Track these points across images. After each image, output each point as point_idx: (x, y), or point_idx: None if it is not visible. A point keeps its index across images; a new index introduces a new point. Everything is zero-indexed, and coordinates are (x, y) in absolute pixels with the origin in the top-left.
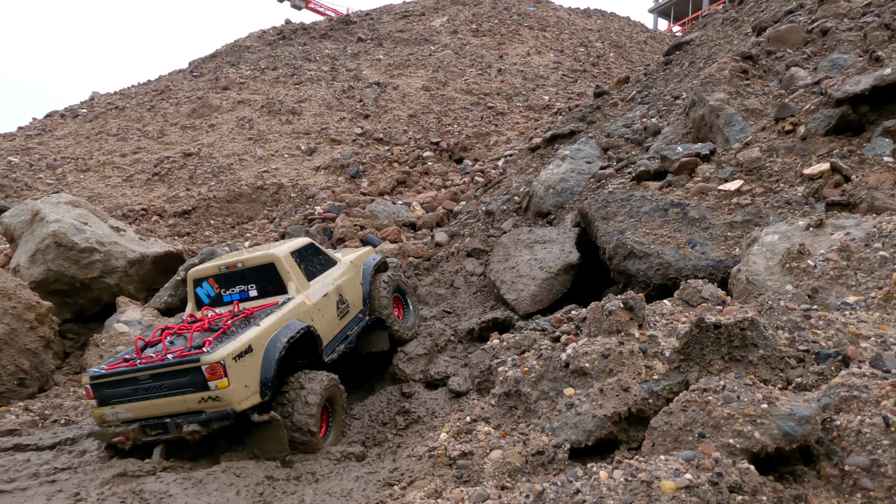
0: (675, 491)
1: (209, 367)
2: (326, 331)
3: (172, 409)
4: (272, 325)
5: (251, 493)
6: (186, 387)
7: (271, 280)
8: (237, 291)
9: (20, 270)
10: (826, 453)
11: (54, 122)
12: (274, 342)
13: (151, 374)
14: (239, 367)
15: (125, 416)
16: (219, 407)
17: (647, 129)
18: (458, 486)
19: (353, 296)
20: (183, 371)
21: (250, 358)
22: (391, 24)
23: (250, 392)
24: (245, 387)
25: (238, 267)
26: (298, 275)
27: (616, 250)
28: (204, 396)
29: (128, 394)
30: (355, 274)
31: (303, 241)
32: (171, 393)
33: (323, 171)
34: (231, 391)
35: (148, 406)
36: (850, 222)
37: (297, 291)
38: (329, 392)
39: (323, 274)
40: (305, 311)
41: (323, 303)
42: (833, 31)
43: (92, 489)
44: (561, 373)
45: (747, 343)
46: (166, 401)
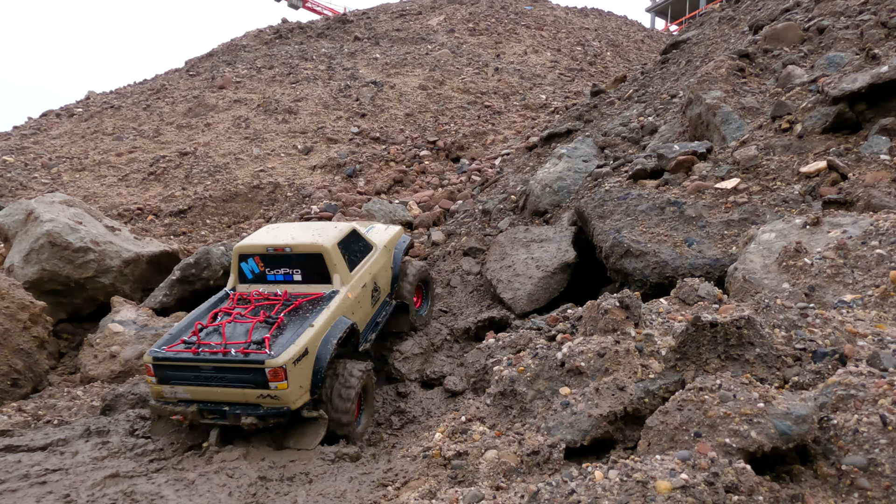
0: (670, 491)
1: (272, 370)
2: (363, 320)
3: (231, 398)
4: (324, 325)
5: (244, 493)
6: (248, 382)
7: (317, 268)
8: (281, 273)
9: (14, 270)
10: (823, 452)
11: (50, 121)
12: (325, 343)
13: (214, 366)
14: (297, 370)
15: (183, 395)
16: (276, 404)
17: (644, 128)
18: (453, 486)
19: (384, 281)
20: (246, 369)
21: (306, 360)
22: (388, 23)
23: (304, 391)
24: (300, 387)
25: (286, 251)
26: (343, 266)
27: (613, 249)
28: (263, 393)
29: (188, 378)
30: (388, 259)
31: (347, 228)
32: (231, 385)
33: (319, 171)
34: (289, 392)
35: (207, 392)
36: (847, 220)
37: (340, 284)
38: (364, 381)
39: (362, 262)
40: (349, 306)
41: (361, 294)
42: (830, 30)
43: (83, 490)
44: (557, 372)
45: (744, 342)
46: (226, 391)
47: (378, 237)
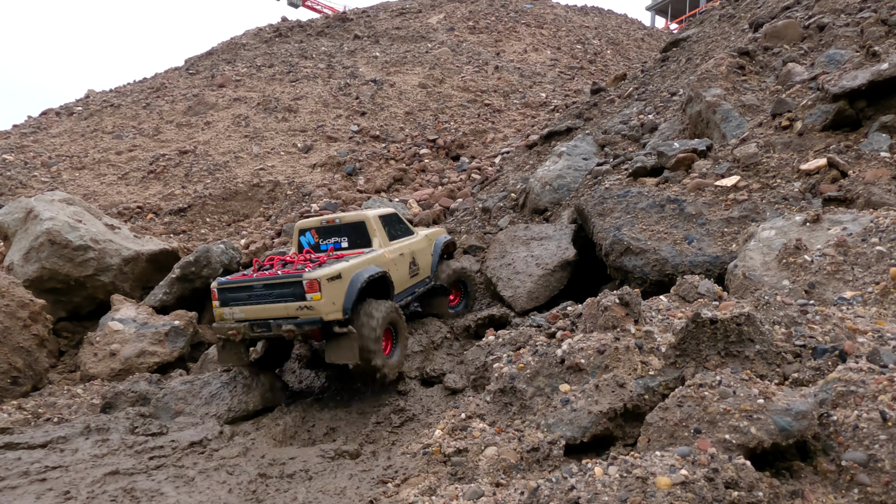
0: (670, 487)
1: (308, 282)
2: (399, 281)
3: (276, 313)
4: (358, 263)
5: (244, 490)
6: (289, 297)
7: (360, 236)
8: (332, 241)
9: (14, 268)
10: (823, 449)
11: (49, 119)
12: (358, 276)
13: (264, 285)
14: (330, 287)
15: (239, 315)
16: (311, 315)
17: (644, 126)
18: (453, 483)
19: (423, 262)
20: (289, 284)
21: (339, 283)
22: (388, 21)
23: (336, 308)
24: (332, 303)
25: (336, 222)
26: (382, 234)
27: (612, 246)
28: (301, 305)
29: (244, 299)
30: (428, 245)
31: (389, 210)
32: (277, 300)
33: (319, 169)
34: (322, 304)
35: (258, 310)
36: (847, 217)
37: (379, 246)
38: (391, 317)
39: (401, 238)
40: (385, 262)
41: (399, 259)
42: (830, 27)
43: (83, 487)
44: (556, 369)
45: (744, 338)
46: (273, 306)
47: (420, 230)
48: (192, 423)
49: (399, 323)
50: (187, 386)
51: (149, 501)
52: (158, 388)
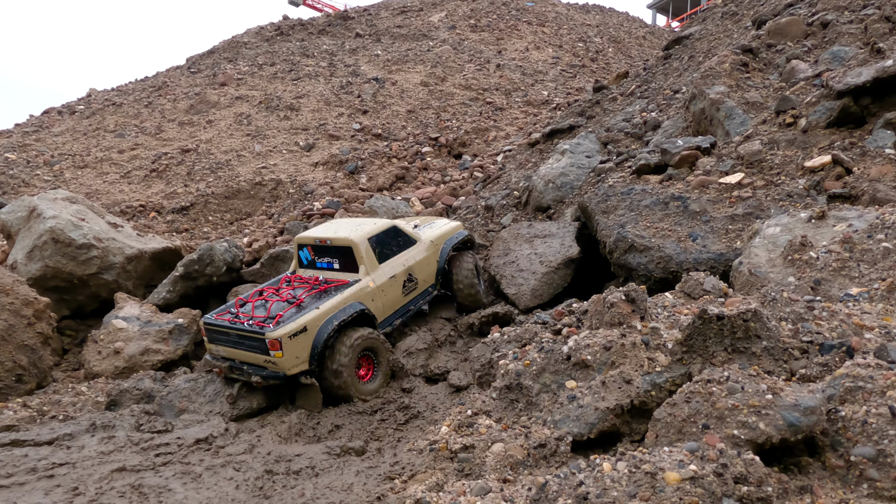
0: (679, 482)
1: (270, 341)
2: (385, 307)
3: (250, 359)
4: (330, 308)
5: (251, 487)
6: (257, 349)
7: (349, 259)
8: (326, 261)
9: (17, 267)
10: (831, 444)
11: (51, 118)
12: (327, 324)
13: (237, 333)
14: (293, 343)
15: (223, 353)
16: (275, 369)
17: (647, 124)
18: (460, 479)
19: (424, 273)
20: (255, 338)
21: (304, 336)
22: (389, 19)
23: (300, 362)
24: (296, 358)
25: (327, 243)
26: (371, 258)
27: (617, 244)
28: (267, 359)
29: (224, 340)
30: (432, 253)
31: (385, 225)
32: (248, 349)
33: (321, 167)
34: (284, 360)
35: (235, 353)
36: (853, 214)
37: (365, 274)
38: (366, 343)
39: (397, 255)
40: (367, 294)
41: (388, 284)
42: (834, 24)
43: (90, 484)
44: (562, 365)
45: (750, 334)
46: (246, 353)
47: (427, 233)
48: (196, 420)
49: (379, 348)
50: (191, 384)
51: (157, 497)
52: (163, 385)
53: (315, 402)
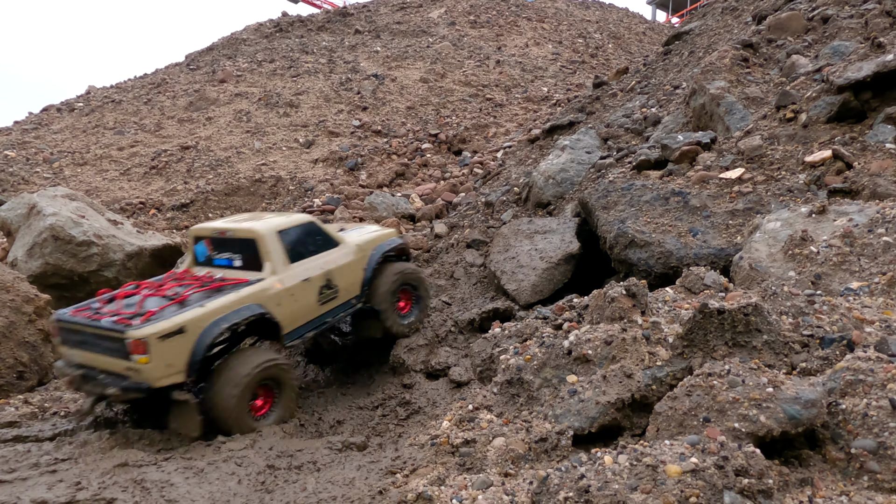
0: (680, 475)
1: (132, 342)
2: (296, 316)
3: (107, 366)
4: (219, 308)
5: (253, 481)
6: (116, 352)
7: (252, 254)
8: (225, 257)
9: (18, 264)
10: (832, 437)
11: (51, 115)
12: (214, 326)
13: (92, 332)
14: (164, 346)
15: (77, 359)
16: (138, 378)
17: (647, 119)
18: (461, 473)
19: (347, 281)
20: (113, 338)
21: (181, 339)
22: (388, 15)
23: (173, 371)
24: (167, 366)
25: (227, 234)
26: (279, 255)
27: (617, 239)
28: (128, 366)
29: (79, 342)
30: (358, 258)
31: (300, 219)
32: (106, 352)
33: (321, 164)
34: (150, 368)
35: (91, 357)
36: (853, 208)
37: (271, 273)
38: (267, 372)
39: (314, 256)
40: (271, 296)
41: (300, 287)
42: (834, 19)
43: (93, 478)
44: (563, 360)
45: (751, 328)
46: (104, 358)
47: (353, 237)
48: None
49: (281, 375)
50: None
51: (159, 492)
52: None
53: (192, 425)
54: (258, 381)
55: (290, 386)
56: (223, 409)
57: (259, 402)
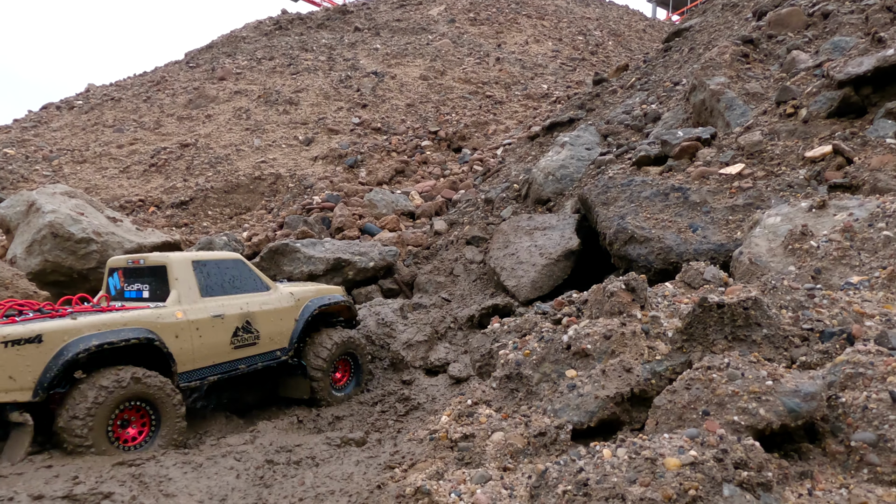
0: (679, 468)
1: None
2: (198, 354)
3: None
4: (94, 323)
5: (251, 476)
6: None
7: (161, 284)
8: (135, 289)
9: (17, 261)
10: (831, 430)
11: (50, 113)
12: (79, 342)
13: None
14: (8, 354)
15: None
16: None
17: (647, 116)
18: (460, 467)
19: (272, 329)
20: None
21: (32, 349)
22: (388, 13)
23: (14, 386)
24: (9, 378)
25: (140, 263)
26: (190, 285)
27: (617, 235)
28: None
29: None
30: (289, 307)
31: (225, 255)
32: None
33: (321, 161)
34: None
35: None
36: (854, 203)
37: (177, 302)
38: (128, 394)
39: (234, 295)
40: (167, 325)
41: (208, 323)
42: (834, 14)
43: (91, 473)
44: (562, 355)
45: (751, 322)
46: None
47: (291, 286)
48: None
49: (160, 398)
50: None
51: (157, 486)
52: None
53: (17, 450)
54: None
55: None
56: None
57: (131, 430)
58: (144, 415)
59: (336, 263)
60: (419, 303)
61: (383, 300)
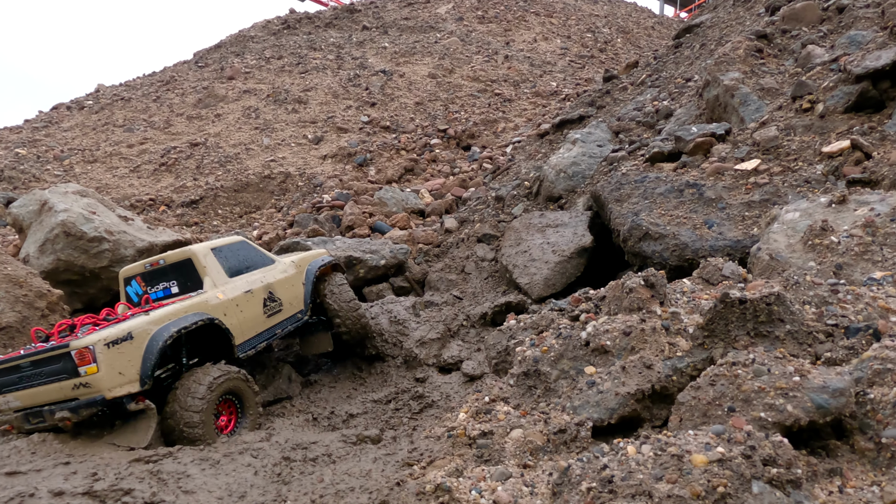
0: (707, 464)
1: (78, 352)
2: (244, 327)
3: (52, 396)
4: (165, 315)
5: (269, 473)
6: (61, 373)
7: (190, 276)
8: (161, 289)
9: (30, 260)
10: (860, 427)
11: (60, 113)
12: (162, 332)
13: (32, 362)
14: (112, 353)
15: (15, 404)
16: (89, 394)
17: (659, 112)
18: (479, 464)
19: (289, 295)
20: (56, 357)
21: (129, 346)
22: (396, 11)
23: (125, 380)
24: (119, 374)
25: (160, 264)
26: (217, 270)
27: (631, 232)
28: (76, 383)
29: (15, 382)
30: (296, 274)
31: (232, 239)
32: (49, 380)
33: (330, 160)
34: (101, 377)
35: (32, 394)
36: (875, 198)
37: (213, 286)
38: (228, 386)
39: (252, 271)
40: (215, 305)
41: (243, 299)
42: (850, 8)
43: (109, 470)
44: (581, 351)
45: (774, 318)
46: (46, 388)
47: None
48: None
49: (244, 390)
50: None
51: (176, 483)
52: None
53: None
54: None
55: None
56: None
57: (223, 419)
58: (232, 406)
59: (347, 261)
60: (431, 300)
61: (395, 298)
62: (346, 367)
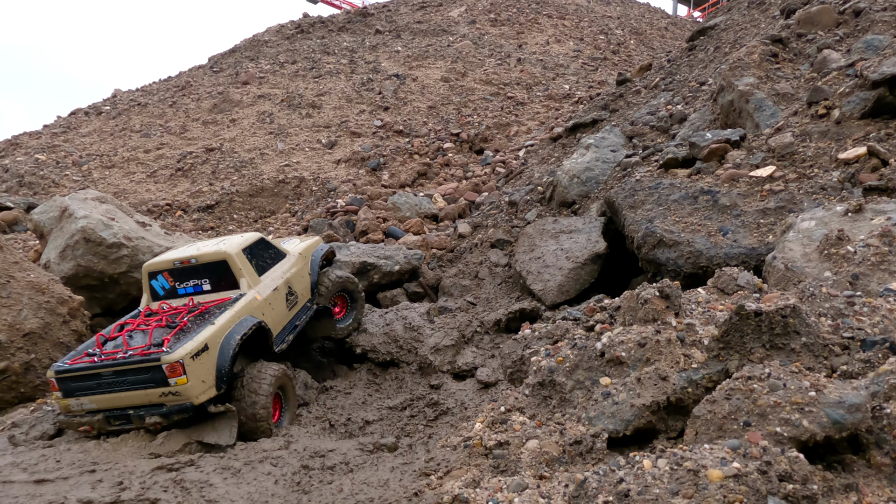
0: (723, 480)
1: (169, 366)
2: (276, 322)
3: (134, 401)
4: (226, 322)
5: (288, 482)
6: (148, 382)
7: (224, 276)
8: (191, 285)
9: (50, 266)
10: (876, 442)
11: (79, 119)
12: (228, 339)
13: (114, 371)
14: (196, 364)
15: (89, 406)
16: (178, 401)
17: (673, 117)
18: (496, 475)
19: (301, 286)
20: (145, 369)
21: (206, 356)
22: (409, 15)
23: (207, 387)
24: (202, 382)
25: (192, 262)
26: (250, 270)
27: (645, 239)
28: (164, 391)
29: (92, 387)
30: (304, 265)
31: (253, 237)
32: (133, 388)
33: (344, 164)
34: (189, 387)
35: (111, 399)
36: (891, 206)
37: (248, 287)
38: (279, 381)
39: (273, 268)
40: (257, 307)
41: (273, 297)
42: (867, 12)
43: (134, 479)
44: (596, 362)
45: (789, 331)
46: (129, 394)
47: (292, 247)
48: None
49: (288, 387)
50: None
51: (199, 492)
52: None
53: (229, 434)
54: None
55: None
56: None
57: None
58: (278, 399)
59: (362, 267)
60: (445, 306)
61: (409, 304)
62: (362, 373)
